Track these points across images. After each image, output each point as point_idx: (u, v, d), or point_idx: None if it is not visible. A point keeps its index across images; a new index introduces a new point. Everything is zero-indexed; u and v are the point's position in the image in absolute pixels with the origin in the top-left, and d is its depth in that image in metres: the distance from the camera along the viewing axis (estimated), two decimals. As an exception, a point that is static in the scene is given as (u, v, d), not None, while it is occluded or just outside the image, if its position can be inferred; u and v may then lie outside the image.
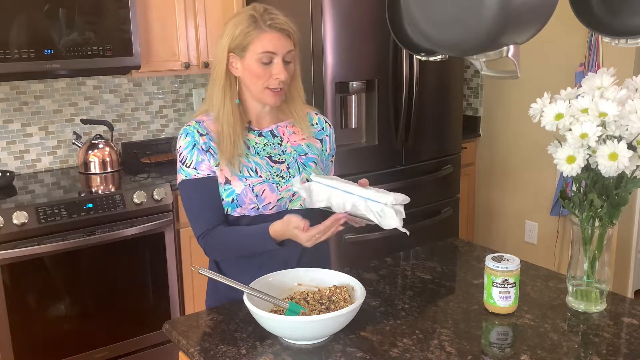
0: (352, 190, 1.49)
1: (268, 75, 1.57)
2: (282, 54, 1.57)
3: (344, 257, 3.17)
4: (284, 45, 1.57)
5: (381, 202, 1.44)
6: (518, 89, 3.73)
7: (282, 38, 1.56)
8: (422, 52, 1.72)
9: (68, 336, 2.68)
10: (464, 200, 3.90)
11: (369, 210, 1.45)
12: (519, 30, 1.35)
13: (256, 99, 1.64)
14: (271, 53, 1.56)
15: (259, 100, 1.63)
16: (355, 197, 1.47)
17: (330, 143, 1.78)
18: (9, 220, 2.47)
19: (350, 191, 1.48)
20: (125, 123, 3.36)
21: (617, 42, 1.40)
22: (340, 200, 1.50)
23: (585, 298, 1.51)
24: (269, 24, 1.55)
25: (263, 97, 1.61)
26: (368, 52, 3.10)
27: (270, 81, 1.58)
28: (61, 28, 2.68)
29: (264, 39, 1.55)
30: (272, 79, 1.57)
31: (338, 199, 1.50)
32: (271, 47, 1.55)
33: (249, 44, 1.56)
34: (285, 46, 1.57)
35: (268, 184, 1.63)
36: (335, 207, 1.51)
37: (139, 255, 2.81)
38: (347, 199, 1.48)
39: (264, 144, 1.67)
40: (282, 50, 1.56)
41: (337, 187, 1.50)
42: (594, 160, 1.38)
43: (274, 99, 1.61)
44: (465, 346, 1.36)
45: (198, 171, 1.61)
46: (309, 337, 1.37)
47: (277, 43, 1.56)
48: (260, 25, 1.55)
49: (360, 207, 1.46)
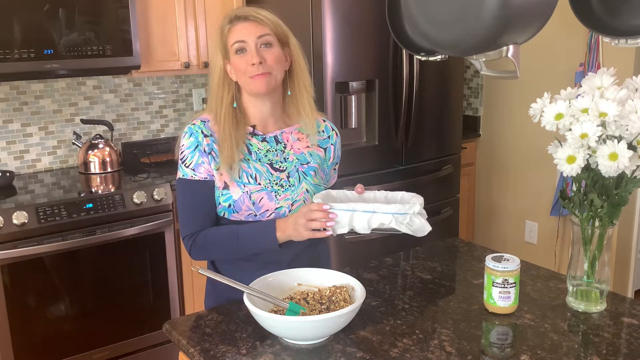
0: (374, 208, 1.44)
1: (245, 64, 1.58)
2: (253, 40, 1.58)
3: (344, 257, 3.17)
4: (252, 32, 1.59)
5: (409, 212, 1.43)
6: (518, 89, 3.73)
7: (250, 26, 1.59)
8: (422, 52, 1.71)
9: (68, 336, 2.68)
10: (464, 200, 3.90)
11: (398, 224, 1.43)
12: (519, 30, 1.35)
13: (249, 93, 1.64)
14: (240, 42, 1.59)
15: (250, 92, 1.63)
16: (380, 214, 1.44)
17: (334, 152, 1.76)
18: (9, 220, 2.47)
19: (373, 209, 1.44)
20: (125, 123, 3.36)
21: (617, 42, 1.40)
22: (365, 222, 1.45)
23: (585, 298, 1.51)
24: (236, 15, 1.61)
25: (250, 87, 1.61)
26: (368, 52, 3.10)
27: (249, 69, 1.58)
28: (61, 28, 2.68)
29: (233, 32, 1.61)
30: (249, 66, 1.58)
31: (361, 221, 1.45)
32: (239, 36, 1.59)
33: (226, 42, 1.62)
34: (254, 32, 1.59)
35: (266, 192, 1.62)
36: (358, 229, 1.47)
37: (139, 255, 2.81)
38: (372, 218, 1.44)
39: (267, 149, 1.66)
40: (250, 36, 1.58)
41: (356, 208, 1.46)
42: (594, 160, 1.38)
43: (258, 84, 1.59)
44: (465, 346, 1.36)
45: (196, 173, 1.61)
46: (309, 337, 1.37)
47: (244, 31, 1.59)
48: (232, 20, 1.62)
49: (387, 223, 1.44)
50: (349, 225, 1.47)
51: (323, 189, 1.70)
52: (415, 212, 1.43)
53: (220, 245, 1.63)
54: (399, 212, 1.43)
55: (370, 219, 1.45)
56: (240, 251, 1.61)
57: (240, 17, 1.61)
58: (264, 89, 1.60)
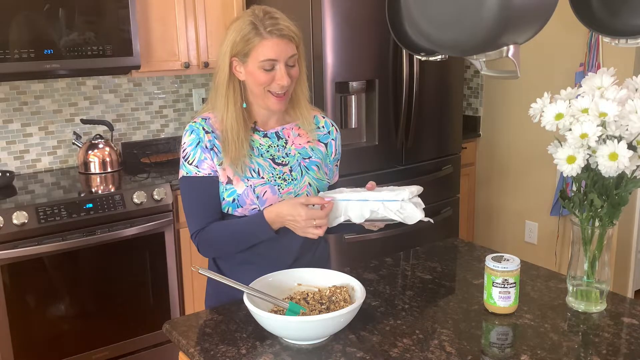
0: (366, 196, 1.48)
1: (270, 81, 1.56)
2: (284, 59, 1.55)
3: (344, 257, 3.17)
4: (285, 51, 1.54)
5: (398, 199, 1.45)
6: (518, 89, 3.73)
7: (282, 44, 1.54)
8: (422, 52, 1.72)
9: (68, 336, 2.68)
10: (464, 200, 3.90)
11: (388, 211, 1.46)
12: (519, 30, 1.35)
13: (262, 105, 1.63)
14: (273, 60, 1.54)
15: (263, 105, 1.62)
16: (371, 202, 1.47)
17: (335, 147, 1.76)
18: (9, 220, 2.47)
19: (365, 198, 1.48)
20: (125, 123, 3.36)
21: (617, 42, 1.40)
22: (358, 210, 1.49)
23: (585, 298, 1.51)
24: (269, 30, 1.53)
25: (266, 102, 1.60)
26: (368, 52, 3.10)
27: (273, 86, 1.57)
28: (61, 28, 2.68)
29: (265, 46, 1.53)
30: (275, 84, 1.56)
31: (355, 210, 1.49)
32: (272, 55, 1.53)
33: (250, 50, 1.54)
34: (286, 51, 1.55)
35: (269, 185, 1.62)
36: (354, 219, 1.51)
37: (139, 255, 2.81)
38: (364, 206, 1.48)
39: (268, 145, 1.66)
40: (283, 56, 1.55)
41: (351, 198, 1.49)
42: (594, 160, 1.38)
43: (278, 105, 1.60)
44: (465, 346, 1.36)
45: (199, 169, 1.61)
46: (309, 337, 1.37)
47: (277, 49, 1.53)
48: (260, 31, 1.53)
49: (379, 211, 1.47)
50: (344, 215, 1.51)
51: (326, 183, 1.72)
52: (406, 199, 1.45)
53: (222, 240, 1.62)
54: (387, 199, 1.45)
55: (363, 207, 1.48)
56: (241, 245, 1.61)
57: (274, 32, 1.53)
58: (283, 109, 1.63)
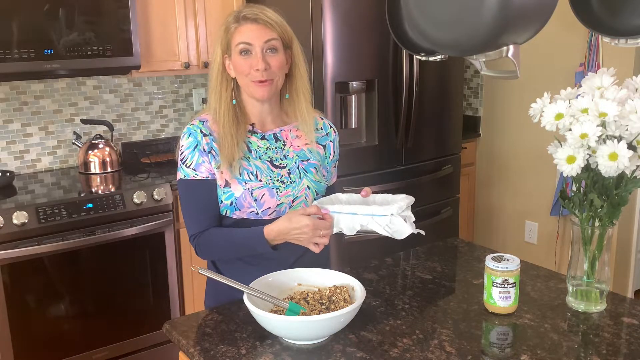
0: (355, 210, 1.48)
1: (249, 68, 1.58)
2: (260, 44, 1.57)
3: (344, 257, 3.17)
4: (260, 36, 1.57)
5: (386, 214, 1.44)
6: (518, 89, 3.73)
7: (257, 29, 1.57)
8: (422, 52, 1.72)
9: (68, 336, 2.68)
10: (464, 200, 3.90)
11: (377, 226, 1.45)
12: (519, 30, 1.35)
13: (248, 95, 1.64)
14: (246, 43, 1.57)
15: (250, 95, 1.63)
16: (360, 216, 1.46)
17: (334, 149, 1.76)
18: (9, 220, 2.47)
19: (354, 211, 1.48)
20: (125, 123, 3.36)
21: (617, 42, 1.40)
22: (349, 223, 1.49)
23: (585, 298, 1.51)
24: (244, 16, 1.58)
25: (251, 91, 1.61)
26: (368, 52, 3.10)
27: (252, 73, 1.58)
28: (61, 28, 2.68)
29: (239, 32, 1.58)
30: (253, 71, 1.57)
31: (347, 222, 1.49)
32: (246, 38, 1.57)
33: (230, 40, 1.60)
34: (262, 36, 1.57)
35: (267, 188, 1.62)
36: (345, 230, 1.51)
37: (139, 255, 2.81)
38: (355, 220, 1.48)
39: (266, 147, 1.66)
40: (258, 40, 1.57)
41: (342, 210, 1.50)
42: (594, 160, 1.38)
43: (261, 91, 1.60)
44: (465, 346, 1.36)
45: (197, 172, 1.61)
46: (309, 337, 1.37)
47: (251, 34, 1.57)
48: (239, 19, 1.59)
49: (369, 225, 1.46)
50: (337, 227, 1.51)
51: (324, 185, 1.72)
52: (395, 214, 1.44)
53: (221, 247, 1.63)
54: (376, 214, 1.44)
55: (354, 220, 1.48)
56: (240, 254, 1.63)
57: (249, 17, 1.58)
58: (266, 96, 1.61)
